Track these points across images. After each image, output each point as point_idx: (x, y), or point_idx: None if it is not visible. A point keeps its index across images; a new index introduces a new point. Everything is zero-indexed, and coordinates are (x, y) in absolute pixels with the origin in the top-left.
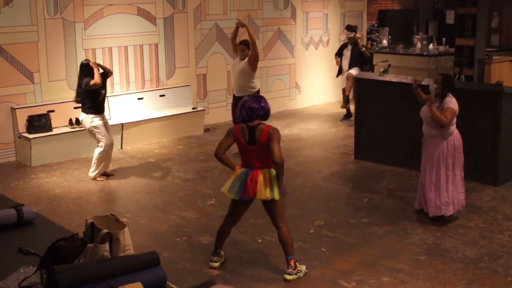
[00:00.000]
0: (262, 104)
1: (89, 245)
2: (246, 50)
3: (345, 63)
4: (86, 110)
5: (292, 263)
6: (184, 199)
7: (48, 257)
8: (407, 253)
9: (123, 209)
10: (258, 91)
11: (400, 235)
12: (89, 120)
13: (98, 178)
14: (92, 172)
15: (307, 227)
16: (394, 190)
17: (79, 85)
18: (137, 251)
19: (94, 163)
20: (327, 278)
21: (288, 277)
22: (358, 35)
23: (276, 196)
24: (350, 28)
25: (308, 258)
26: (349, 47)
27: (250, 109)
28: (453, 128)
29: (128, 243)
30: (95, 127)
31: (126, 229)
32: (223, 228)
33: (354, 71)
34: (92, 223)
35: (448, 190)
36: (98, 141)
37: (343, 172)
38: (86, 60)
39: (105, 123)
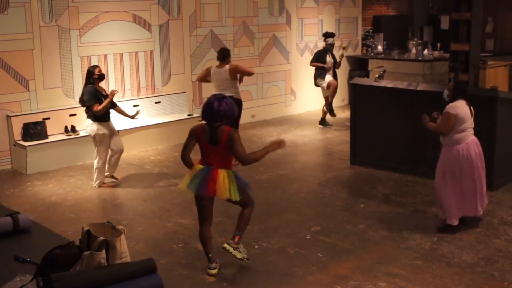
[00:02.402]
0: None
1: (85, 252)
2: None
3: (331, 71)
4: (91, 117)
5: (236, 239)
6: (181, 206)
7: (44, 265)
8: (404, 258)
9: (119, 216)
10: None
11: (396, 240)
12: (95, 128)
13: (103, 186)
14: (94, 181)
15: (303, 233)
16: (390, 195)
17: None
18: (134, 258)
19: (95, 172)
20: (324, 283)
21: (226, 246)
22: (343, 45)
23: (236, 197)
24: (332, 35)
25: (305, 264)
26: (329, 54)
27: (218, 112)
28: (459, 137)
29: (125, 250)
30: (102, 135)
31: (123, 236)
32: (201, 232)
33: (333, 79)
34: (88, 231)
35: (451, 199)
36: (98, 151)
37: (339, 178)
38: (92, 66)
39: (112, 131)
